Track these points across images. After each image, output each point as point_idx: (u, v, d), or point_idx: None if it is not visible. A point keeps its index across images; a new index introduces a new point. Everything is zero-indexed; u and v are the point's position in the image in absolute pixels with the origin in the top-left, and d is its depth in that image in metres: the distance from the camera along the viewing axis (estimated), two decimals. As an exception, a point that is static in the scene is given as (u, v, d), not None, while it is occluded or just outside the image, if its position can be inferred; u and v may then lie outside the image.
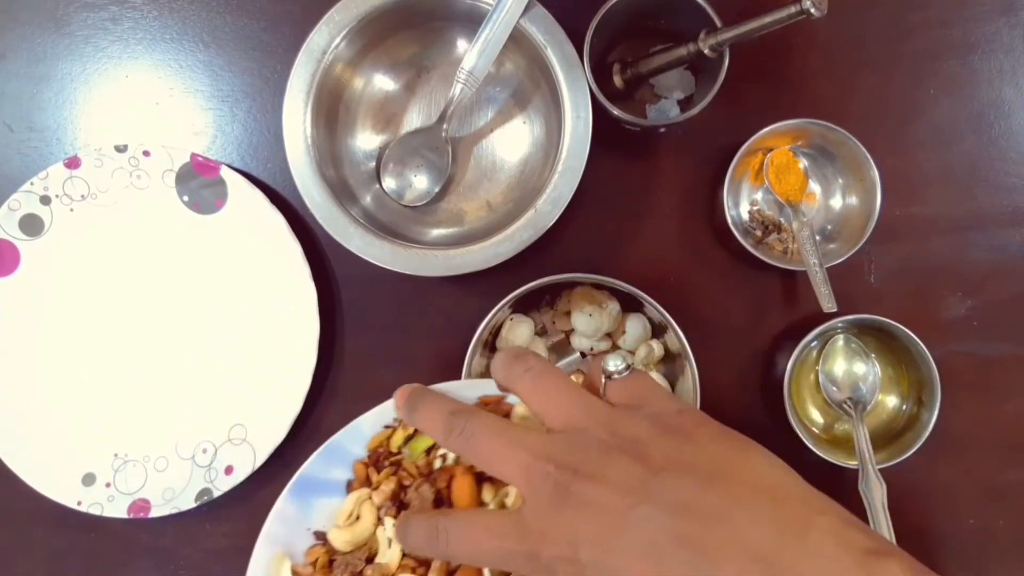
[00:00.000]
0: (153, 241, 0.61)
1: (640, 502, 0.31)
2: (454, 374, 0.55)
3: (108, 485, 0.59)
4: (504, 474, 0.34)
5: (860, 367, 0.60)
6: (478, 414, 0.36)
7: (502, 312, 0.56)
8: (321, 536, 0.46)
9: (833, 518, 0.30)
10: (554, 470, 0.33)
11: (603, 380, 0.37)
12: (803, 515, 0.30)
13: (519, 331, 0.58)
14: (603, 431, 0.34)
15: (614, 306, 0.58)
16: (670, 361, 0.59)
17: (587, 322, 0.57)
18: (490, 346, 0.58)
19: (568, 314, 0.58)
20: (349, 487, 0.46)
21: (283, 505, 0.46)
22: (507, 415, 0.43)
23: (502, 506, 0.41)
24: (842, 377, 0.60)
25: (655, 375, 0.58)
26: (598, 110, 0.55)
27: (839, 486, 0.60)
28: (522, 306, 0.59)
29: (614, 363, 0.37)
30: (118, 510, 0.58)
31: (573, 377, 0.38)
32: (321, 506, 0.47)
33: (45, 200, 0.59)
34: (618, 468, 0.32)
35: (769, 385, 0.61)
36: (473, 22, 0.55)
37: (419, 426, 0.39)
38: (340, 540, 0.45)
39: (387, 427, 0.46)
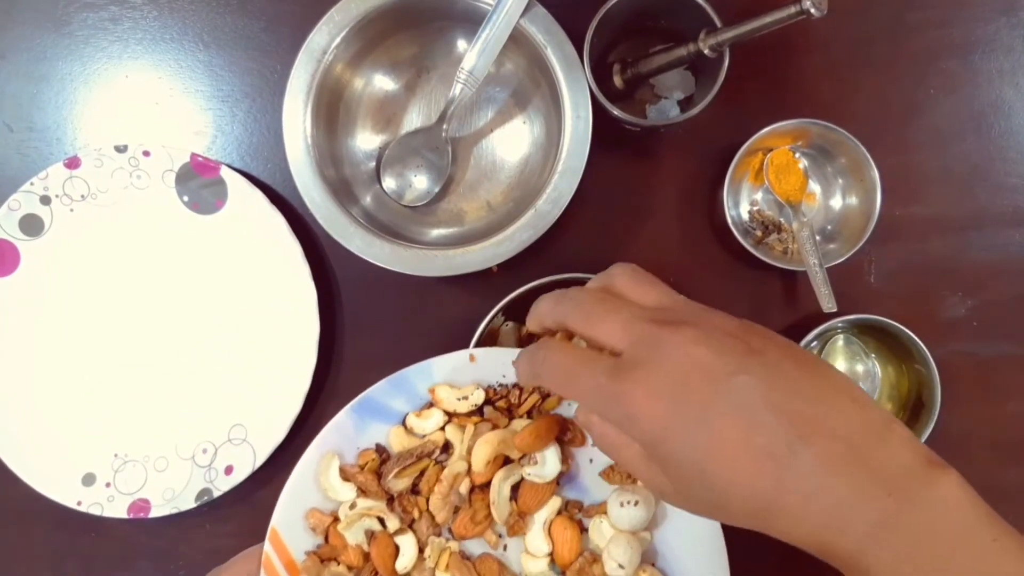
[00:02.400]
0: (153, 241, 0.61)
1: (740, 371, 0.32)
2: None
3: (108, 485, 0.59)
4: (604, 332, 0.35)
5: (860, 367, 0.60)
6: (583, 290, 0.39)
7: (497, 318, 0.56)
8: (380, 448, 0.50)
9: (904, 430, 0.33)
10: (654, 328, 0.34)
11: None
12: (884, 421, 0.33)
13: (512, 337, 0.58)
14: (700, 311, 0.36)
15: None
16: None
17: None
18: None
19: None
20: (405, 420, 0.50)
21: (343, 418, 0.50)
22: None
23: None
24: (842, 377, 0.60)
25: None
26: (598, 110, 0.55)
27: (839, 486, 0.61)
28: (523, 305, 0.59)
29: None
30: (118, 510, 0.59)
31: None
32: (375, 429, 0.50)
33: (45, 200, 0.59)
34: (716, 338, 0.33)
35: (769, 385, 0.61)
36: (473, 22, 0.55)
37: (534, 316, 0.41)
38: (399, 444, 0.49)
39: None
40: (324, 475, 0.49)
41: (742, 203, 0.61)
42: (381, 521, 0.50)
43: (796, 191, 0.59)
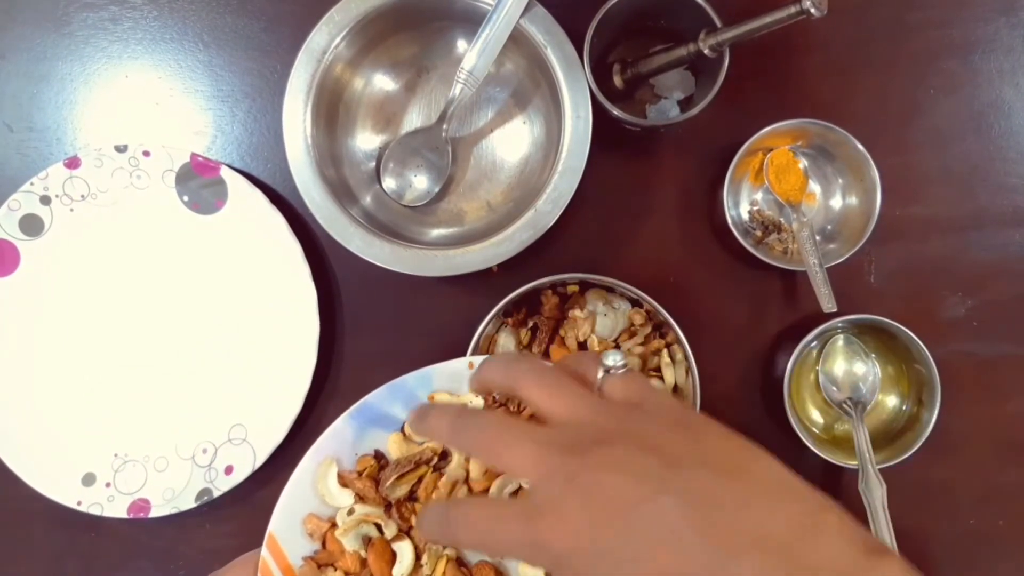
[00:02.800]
0: (153, 241, 0.61)
1: (658, 492, 0.30)
2: (454, 374, 0.55)
3: (108, 485, 0.59)
4: (512, 465, 0.34)
5: (860, 367, 0.60)
6: (484, 412, 0.37)
7: (492, 325, 0.56)
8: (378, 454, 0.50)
9: (839, 517, 0.31)
10: (564, 458, 0.32)
11: (600, 375, 0.37)
12: (813, 512, 0.31)
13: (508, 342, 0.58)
14: (611, 422, 0.33)
15: (624, 304, 0.58)
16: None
17: (602, 322, 0.57)
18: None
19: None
20: (403, 427, 0.50)
21: (341, 425, 0.50)
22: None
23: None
24: (842, 377, 0.60)
25: (655, 382, 0.58)
26: (598, 110, 0.55)
27: (839, 486, 0.61)
28: (525, 305, 0.59)
29: (613, 359, 0.36)
30: (118, 510, 0.59)
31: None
32: (374, 436, 0.50)
33: (45, 200, 0.59)
34: (631, 458, 0.32)
35: (769, 385, 0.61)
36: (473, 22, 0.55)
37: (428, 432, 0.39)
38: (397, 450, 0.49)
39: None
40: (322, 481, 0.49)
41: (742, 203, 0.61)
42: (379, 527, 0.50)
43: (796, 191, 0.59)
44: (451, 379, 0.50)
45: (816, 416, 0.61)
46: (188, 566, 0.61)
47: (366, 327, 0.62)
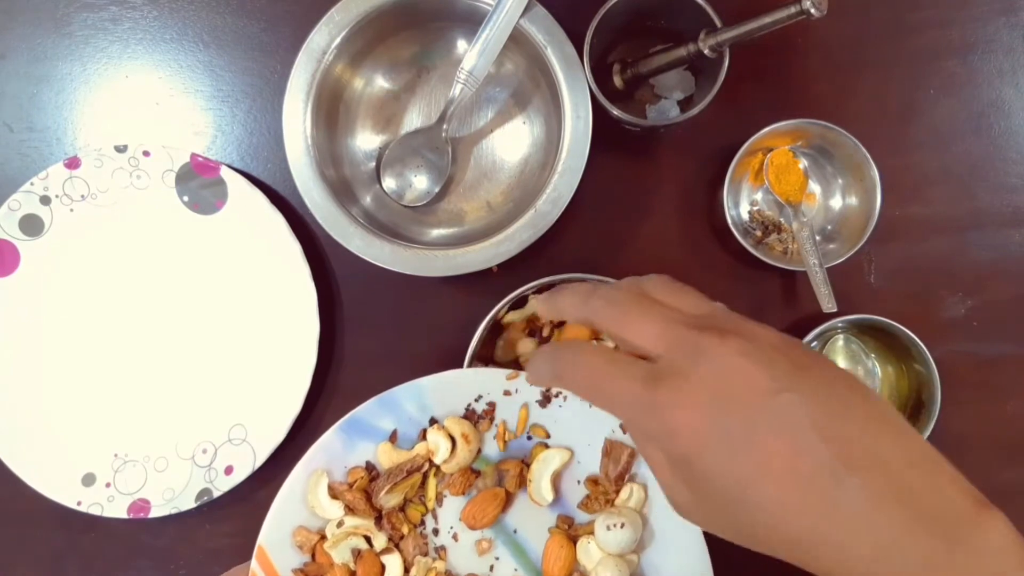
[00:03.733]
0: (153, 241, 0.61)
1: (787, 388, 0.30)
2: (454, 374, 0.55)
3: (108, 485, 0.59)
4: (640, 334, 0.33)
5: (860, 367, 0.60)
6: (616, 288, 0.36)
7: (501, 311, 0.56)
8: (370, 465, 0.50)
9: (951, 467, 0.31)
10: (696, 333, 0.31)
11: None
12: (929, 455, 0.31)
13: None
14: (740, 321, 0.33)
15: None
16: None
17: None
18: (490, 345, 0.58)
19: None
20: (392, 437, 0.50)
21: (330, 438, 0.50)
22: None
23: None
24: (842, 377, 0.60)
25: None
26: (598, 110, 0.55)
27: (839, 486, 0.61)
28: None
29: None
30: (118, 510, 0.59)
31: None
32: (364, 448, 0.50)
33: (45, 200, 0.59)
34: (762, 352, 0.31)
35: (769, 385, 0.61)
36: (473, 22, 0.55)
37: (558, 309, 0.38)
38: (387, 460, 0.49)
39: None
40: (312, 493, 0.49)
41: (742, 203, 0.61)
42: (368, 540, 0.50)
43: (796, 191, 0.59)
44: (442, 390, 0.50)
45: (816, 416, 0.61)
46: (188, 566, 0.61)
47: (366, 327, 0.62)
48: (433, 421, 0.50)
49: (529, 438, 0.51)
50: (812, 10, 0.45)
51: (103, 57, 0.62)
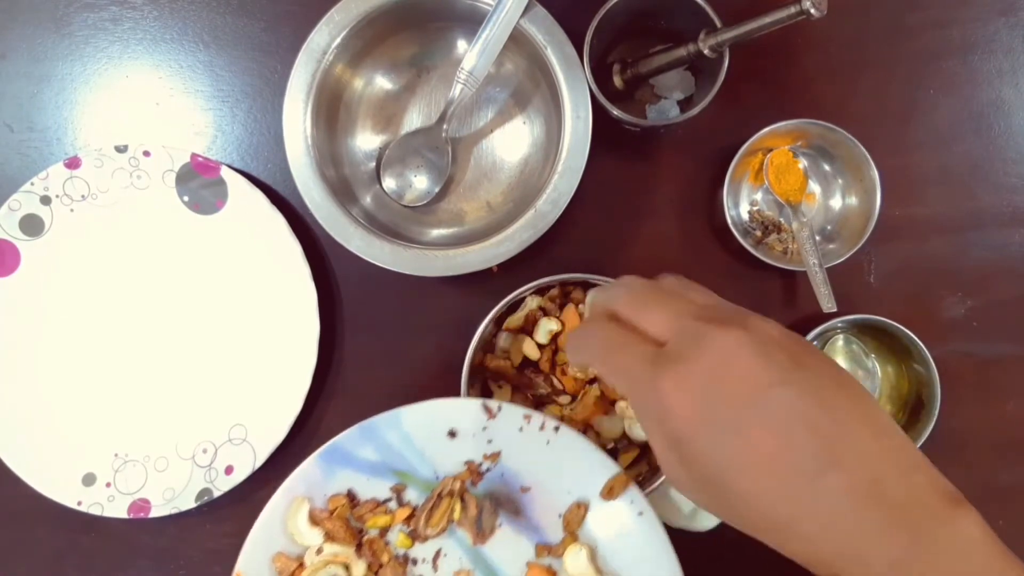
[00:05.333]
0: (153, 241, 0.61)
1: (782, 383, 0.31)
2: (454, 374, 0.55)
3: (108, 485, 0.59)
4: (651, 318, 0.35)
5: (860, 367, 0.60)
6: (644, 282, 0.39)
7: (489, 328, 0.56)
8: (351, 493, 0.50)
9: (927, 464, 0.32)
10: (702, 323, 0.33)
11: None
12: (907, 452, 0.32)
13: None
14: (748, 315, 0.35)
15: None
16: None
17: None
18: (490, 346, 0.58)
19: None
20: (372, 467, 0.50)
21: (310, 467, 0.49)
22: None
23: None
24: (842, 377, 0.60)
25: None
26: (598, 110, 0.55)
27: (839, 486, 0.61)
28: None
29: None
30: (118, 510, 0.59)
31: None
32: (344, 475, 0.50)
33: (45, 200, 0.59)
34: (762, 345, 0.32)
35: (769, 385, 0.61)
36: (473, 22, 0.55)
37: (588, 304, 0.43)
38: None
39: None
40: (292, 519, 0.49)
41: (742, 203, 0.61)
42: (348, 568, 0.49)
43: (796, 191, 0.59)
44: (422, 420, 0.50)
45: (816, 416, 0.61)
46: (188, 566, 0.61)
47: (366, 327, 0.62)
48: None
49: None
50: (812, 10, 0.45)
51: (103, 57, 0.62)
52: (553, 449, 0.50)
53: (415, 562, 0.50)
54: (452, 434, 0.50)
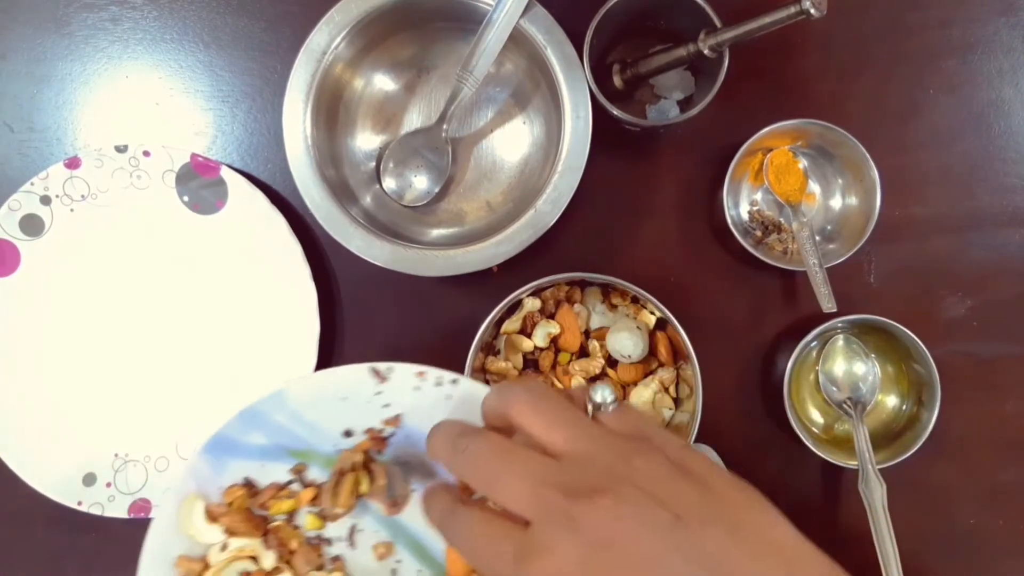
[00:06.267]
0: (153, 241, 0.61)
1: (665, 553, 0.29)
2: (454, 374, 0.55)
3: (108, 485, 0.59)
4: (509, 499, 0.31)
5: (860, 367, 0.60)
6: (486, 434, 0.34)
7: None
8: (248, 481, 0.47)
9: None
10: (566, 501, 0.30)
11: (590, 411, 0.34)
12: None
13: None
14: (615, 461, 0.31)
15: (625, 308, 0.58)
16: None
17: (625, 340, 0.56)
18: (490, 347, 0.58)
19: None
20: (265, 452, 0.47)
21: (197, 463, 0.46)
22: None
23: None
24: (842, 377, 0.60)
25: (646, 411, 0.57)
26: (598, 110, 0.55)
27: (839, 486, 0.61)
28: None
29: (602, 394, 0.34)
30: (118, 510, 0.59)
31: None
32: (236, 466, 0.47)
33: (45, 200, 0.59)
34: (639, 511, 0.29)
35: (769, 385, 0.61)
36: (473, 22, 0.55)
37: (431, 450, 0.37)
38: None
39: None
40: (187, 520, 0.46)
41: (742, 203, 0.61)
42: (257, 560, 0.47)
43: (796, 191, 0.59)
44: (308, 396, 0.47)
45: (816, 416, 0.61)
46: (188, 566, 0.61)
47: (366, 327, 0.62)
48: (349, 433, 0.48)
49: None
50: (812, 10, 0.45)
51: (103, 57, 0.62)
52: (455, 402, 0.47)
53: (330, 542, 0.48)
54: (344, 404, 0.47)
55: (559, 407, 0.33)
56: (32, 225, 0.59)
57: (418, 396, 0.48)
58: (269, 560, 0.47)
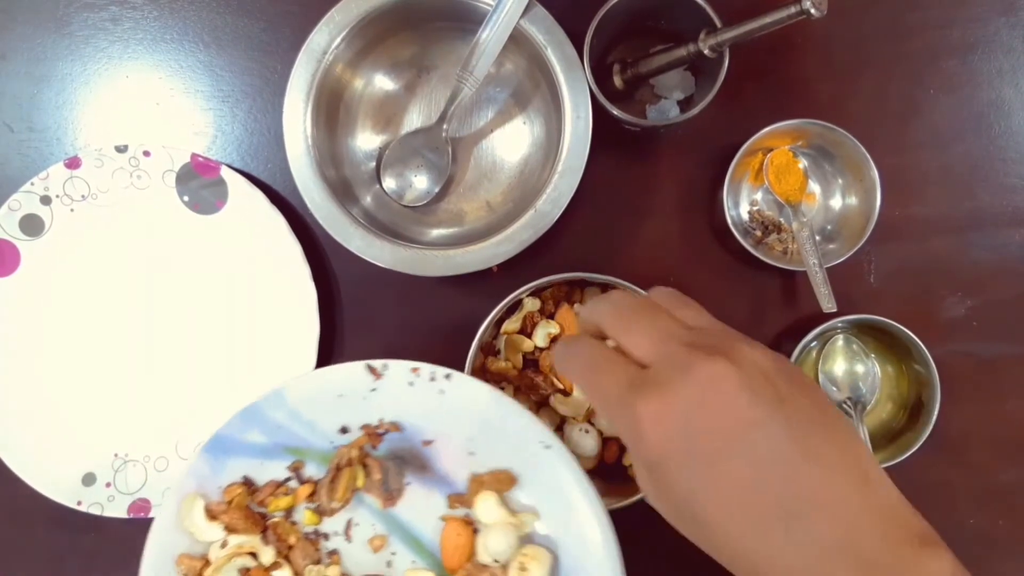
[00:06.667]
0: (153, 241, 0.61)
1: (763, 421, 0.30)
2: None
3: (108, 485, 0.59)
4: (635, 339, 0.34)
5: (860, 367, 0.60)
6: (633, 298, 0.37)
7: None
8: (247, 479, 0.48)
9: (904, 508, 0.31)
10: (688, 350, 0.32)
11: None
12: (885, 501, 0.31)
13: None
14: (734, 339, 0.33)
15: None
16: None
17: None
18: (490, 347, 0.58)
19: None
20: (263, 450, 0.48)
21: (197, 462, 0.48)
22: None
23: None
24: (842, 377, 0.60)
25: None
26: (598, 110, 0.55)
27: (839, 486, 0.61)
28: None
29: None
30: (118, 510, 0.59)
31: None
32: (234, 466, 0.48)
33: (45, 200, 0.59)
34: (749, 378, 0.31)
35: (769, 385, 0.61)
36: (473, 22, 0.55)
37: (579, 318, 0.42)
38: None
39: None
40: (188, 518, 0.47)
41: (742, 203, 0.61)
42: (256, 556, 0.48)
43: (796, 191, 0.59)
44: (306, 394, 0.48)
45: (816, 416, 0.61)
46: (188, 566, 0.61)
47: (366, 327, 0.62)
48: (345, 430, 0.49)
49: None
50: (812, 10, 0.45)
51: (103, 57, 0.62)
52: (449, 397, 0.48)
53: (327, 536, 0.49)
54: (340, 400, 0.48)
55: (691, 303, 0.37)
56: (32, 225, 0.59)
57: (413, 391, 0.48)
58: (268, 556, 0.48)
